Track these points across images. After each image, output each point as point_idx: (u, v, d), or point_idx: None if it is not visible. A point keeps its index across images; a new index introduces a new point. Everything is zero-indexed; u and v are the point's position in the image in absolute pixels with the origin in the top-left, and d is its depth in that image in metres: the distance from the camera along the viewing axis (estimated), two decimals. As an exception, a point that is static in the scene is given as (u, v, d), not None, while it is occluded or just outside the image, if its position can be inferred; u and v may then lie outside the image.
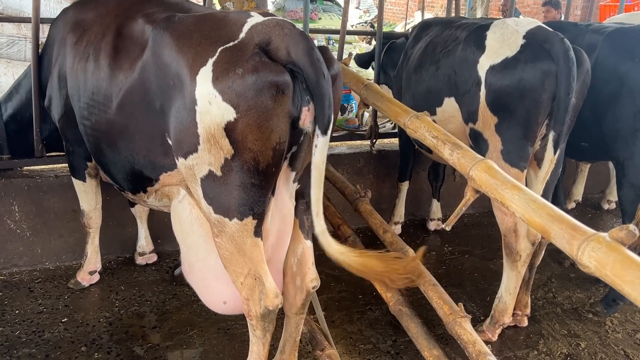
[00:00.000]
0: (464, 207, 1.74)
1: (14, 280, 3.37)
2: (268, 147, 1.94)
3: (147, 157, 2.30)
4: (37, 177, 3.41)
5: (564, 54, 2.42)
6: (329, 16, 8.18)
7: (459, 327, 1.96)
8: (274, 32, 1.96)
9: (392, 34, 4.62)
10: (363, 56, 4.31)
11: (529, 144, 2.62)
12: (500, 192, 1.42)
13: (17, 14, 6.19)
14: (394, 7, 17.65)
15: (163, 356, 2.77)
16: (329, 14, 8.23)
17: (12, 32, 6.09)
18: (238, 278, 2.16)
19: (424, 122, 1.84)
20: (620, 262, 1.03)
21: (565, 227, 1.18)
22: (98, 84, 2.43)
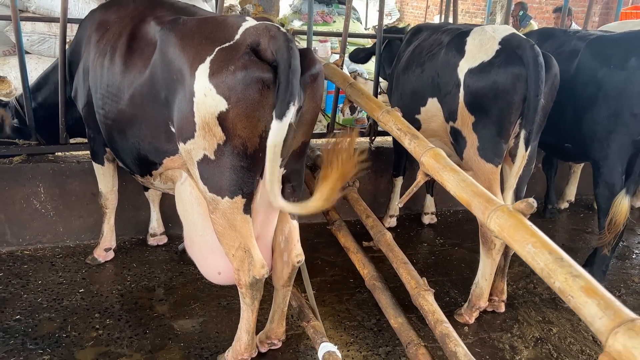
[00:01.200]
0: (415, 188, 2.00)
1: (38, 255, 3.73)
2: (255, 134, 2.23)
3: (152, 143, 2.62)
4: (61, 162, 3.77)
5: (534, 59, 2.65)
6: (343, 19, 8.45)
7: (422, 299, 2.22)
8: (263, 35, 2.25)
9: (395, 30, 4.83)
10: (359, 52, 4.59)
11: (502, 141, 2.86)
12: (440, 174, 1.68)
13: (49, 13, 6.60)
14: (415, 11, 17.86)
15: (167, 324, 3.07)
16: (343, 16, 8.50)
17: (43, 30, 6.49)
18: (230, 250, 2.45)
19: (392, 116, 2.11)
20: (514, 226, 1.28)
21: (482, 200, 1.43)
22: (113, 78, 2.75)
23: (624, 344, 0.89)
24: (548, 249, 1.16)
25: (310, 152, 3.45)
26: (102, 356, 2.77)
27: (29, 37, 6.51)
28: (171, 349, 2.87)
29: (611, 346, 0.92)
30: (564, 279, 1.07)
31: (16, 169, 3.65)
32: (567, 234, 4.65)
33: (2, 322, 2.99)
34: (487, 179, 2.92)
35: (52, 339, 2.88)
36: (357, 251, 2.72)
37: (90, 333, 2.95)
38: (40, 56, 6.69)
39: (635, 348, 0.87)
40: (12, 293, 3.26)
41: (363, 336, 3.08)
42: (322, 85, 2.43)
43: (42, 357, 2.74)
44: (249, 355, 2.67)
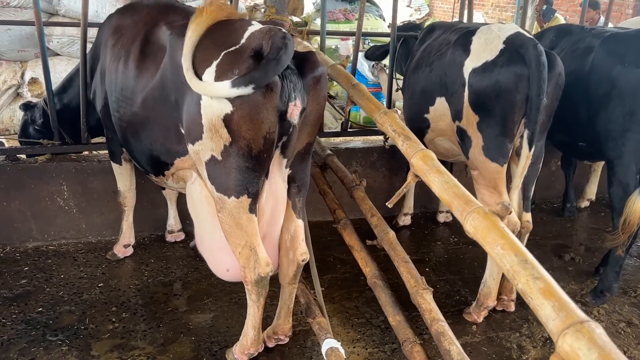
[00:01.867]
0: (405, 189, 2.04)
1: (62, 250, 3.90)
2: (259, 136, 2.30)
3: (163, 144, 2.71)
4: (82, 161, 3.92)
5: (536, 59, 2.64)
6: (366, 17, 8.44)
7: (420, 297, 2.26)
8: (266, 38, 2.31)
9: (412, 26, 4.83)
10: (376, 49, 4.61)
11: (507, 140, 2.86)
12: (427, 175, 1.72)
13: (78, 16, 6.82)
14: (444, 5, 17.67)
15: (180, 318, 3.18)
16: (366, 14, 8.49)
17: (73, 33, 6.71)
18: (236, 248, 2.53)
19: (389, 117, 2.15)
20: (487, 228, 1.31)
21: (461, 202, 1.46)
22: (126, 81, 2.86)
23: (571, 345, 0.92)
24: (515, 251, 1.19)
25: (321, 152, 3.50)
26: (116, 348, 2.90)
27: (59, 40, 6.75)
28: (182, 343, 2.97)
29: (560, 347, 0.95)
30: (526, 281, 1.10)
31: (41, 168, 3.81)
32: (586, 233, 4.59)
33: (26, 314, 3.15)
34: (493, 179, 2.92)
35: (71, 331, 3.02)
36: (361, 249, 2.77)
37: (106, 326, 3.08)
38: (70, 58, 6.92)
39: (580, 350, 0.90)
40: (36, 286, 3.43)
41: (370, 333, 3.13)
42: (325, 87, 2.48)
43: (60, 348, 2.87)
44: (256, 349, 2.75)
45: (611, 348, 0.89)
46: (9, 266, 3.64)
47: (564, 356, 0.93)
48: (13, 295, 3.32)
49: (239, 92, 2.16)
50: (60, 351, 2.85)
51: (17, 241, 3.87)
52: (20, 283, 3.46)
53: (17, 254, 3.79)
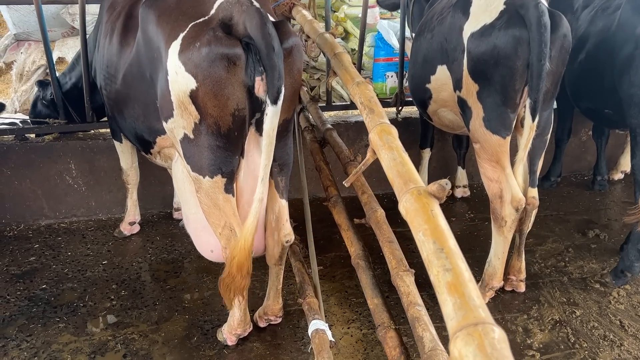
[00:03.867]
0: (363, 167, 1.90)
1: (73, 227, 3.96)
2: (226, 112, 2.19)
3: (144, 122, 2.66)
4: (88, 139, 3.94)
5: (537, 20, 2.39)
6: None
7: (399, 279, 2.12)
8: (235, 9, 2.18)
9: None
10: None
11: (509, 111, 2.64)
12: (379, 150, 1.57)
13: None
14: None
15: (177, 297, 3.18)
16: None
17: (95, 11, 6.74)
18: (217, 229, 2.46)
19: (360, 88, 1.99)
20: (416, 210, 1.17)
21: (401, 181, 1.32)
22: (111, 58, 2.81)
23: (459, 351, 0.79)
24: (435, 237, 1.05)
25: (321, 126, 3.37)
26: (111, 326, 2.92)
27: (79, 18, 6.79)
28: (176, 321, 2.96)
29: (451, 352, 0.82)
30: (436, 272, 0.96)
31: (48, 147, 3.86)
32: (616, 208, 4.27)
33: (30, 290, 3.22)
34: (495, 152, 2.72)
35: (70, 308, 3.06)
36: (348, 229, 2.64)
37: (104, 303, 3.11)
38: (92, 36, 6.97)
39: (467, 357, 0.76)
40: (43, 264, 3.50)
41: (367, 314, 3.03)
42: (299, 59, 2.33)
43: (57, 325, 2.92)
44: (243, 330, 2.71)
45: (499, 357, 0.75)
46: (20, 243, 3.73)
47: (455, 363, 0.80)
48: (20, 272, 3.41)
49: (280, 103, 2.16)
50: (57, 328, 2.90)
51: (30, 219, 3.96)
52: (28, 260, 3.54)
53: (29, 232, 3.89)
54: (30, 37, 6.72)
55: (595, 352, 2.74)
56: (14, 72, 6.63)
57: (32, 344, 2.78)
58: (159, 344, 2.79)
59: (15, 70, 6.61)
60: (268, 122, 2.17)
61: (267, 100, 2.16)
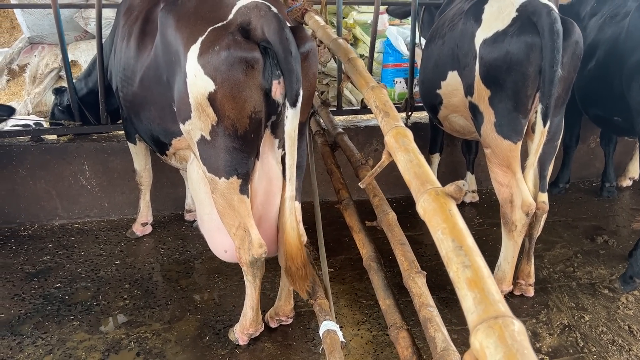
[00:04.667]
0: (379, 169, 1.93)
1: (86, 228, 4.02)
2: (244, 115, 2.24)
3: (160, 124, 2.71)
4: (102, 141, 4.00)
5: (549, 27, 2.43)
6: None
7: (411, 281, 2.15)
8: (253, 14, 2.23)
9: None
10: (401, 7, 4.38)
11: (520, 116, 2.67)
12: (395, 153, 1.61)
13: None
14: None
15: (189, 296, 3.22)
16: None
17: (109, 15, 6.83)
18: (231, 229, 2.51)
19: (375, 92, 2.03)
20: (434, 210, 1.20)
21: (418, 182, 1.36)
22: (128, 61, 2.86)
23: (480, 342, 0.82)
24: (454, 236, 1.08)
25: (332, 130, 3.41)
26: (124, 325, 2.96)
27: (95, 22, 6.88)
28: (188, 320, 3.00)
29: (472, 343, 0.85)
30: (456, 269, 1.00)
31: (63, 148, 3.92)
32: (624, 215, 4.29)
33: (44, 289, 3.27)
34: (506, 157, 2.75)
35: (84, 307, 3.11)
36: (360, 231, 2.68)
37: (118, 302, 3.15)
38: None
39: (488, 348, 0.80)
40: (57, 263, 3.55)
41: (377, 316, 3.06)
42: (314, 64, 2.38)
43: (72, 323, 2.97)
44: (255, 330, 2.75)
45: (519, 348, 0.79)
46: (34, 243, 3.79)
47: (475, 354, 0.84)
48: (35, 271, 3.46)
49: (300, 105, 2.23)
50: (71, 326, 2.95)
51: (44, 219, 4.02)
52: (43, 259, 3.59)
53: (43, 232, 3.94)
54: (44, 40, 6.81)
55: (604, 356, 2.75)
56: (28, 74, 6.72)
57: (47, 341, 2.83)
58: (172, 343, 2.83)
59: (28, 72, 6.70)
60: (289, 124, 2.22)
61: (286, 103, 2.21)
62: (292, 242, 2.47)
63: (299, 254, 2.48)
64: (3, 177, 3.86)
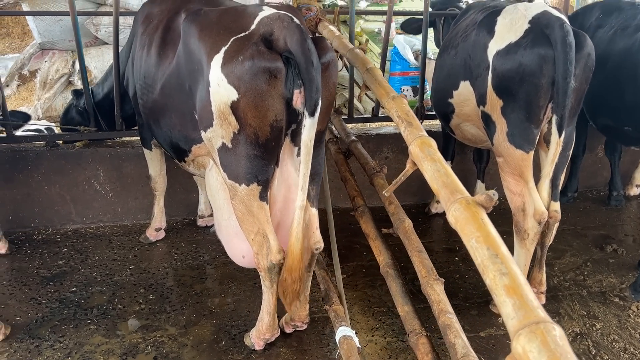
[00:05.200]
0: (403, 178, 1.98)
1: (99, 232, 4.06)
2: (265, 123, 2.29)
3: (181, 131, 2.75)
4: (117, 147, 4.05)
5: (562, 39, 2.48)
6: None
7: (429, 288, 2.19)
8: (276, 25, 2.29)
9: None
10: (413, 22, 4.40)
11: (533, 126, 2.72)
12: (421, 162, 1.65)
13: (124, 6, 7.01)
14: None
15: (204, 301, 3.25)
16: (407, -6, 8.28)
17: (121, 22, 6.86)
18: (249, 235, 2.55)
19: (396, 102, 2.08)
20: (466, 219, 1.25)
21: (447, 191, 1.40)
22: (149, 69, 2.91)
23: (523, 347, 0.86)
24: (488, 244, 1.12)
25: (346, 137, 3.46)
26: (140, 329, 2.99)
27: (107, 29, 6.95)
28: (204, 325, 3.03)
29: (514, 348, 0.89)
30: (493, 276, 1.04)
31: (78, 153, 3.97)
32: (633, 223, 4.33)
33: (60, 293, 3.31)
34: (518, 166, 2.79)
35: (100, 311, 3.14)
36: (376, 238, 2.72)
37: (133, 307, 3.18)
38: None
39: (531, 352, 0.84)
40: (72, 267, 3.59)
41: (390, 322, 3.09)
42: (335, 74, 2.44)
43: (89, 327, 3.00)
44: (271, 335, 2.78)
45: (563, 352, 0.83)
46: (49, 247, 3.83)
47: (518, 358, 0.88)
48: (51, 275, 3.50)
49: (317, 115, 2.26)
50: (88, 329, 2.98)
51: (58, 224, 4.06)
52: (58, 264, 3.63)
53: (57, 236, 3.98)
54: (55, 46, 6.88)
55: (616, 364, 2.79)
56: (38, 80, 6.78)
57: (65, 345, 2.86)
58: (188, 347, 2.86)
59: (39, 78, 6.77)
60: (306, 133, 2.26)
61: (304, 113, 2.25)
62: (294, 254, 2.45)
63: (299, 267, 2.47)
64: (19, 182, 3.91)
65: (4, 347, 2.83)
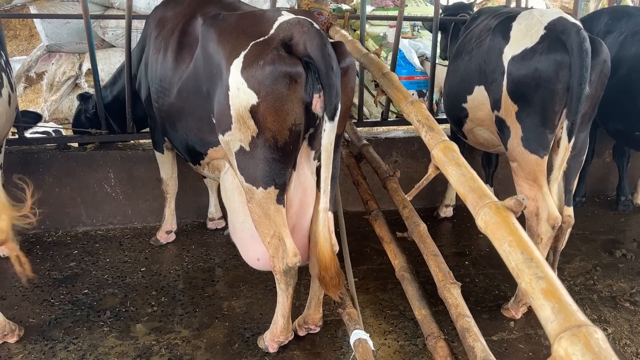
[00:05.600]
0: (425, 182, 1.99)
1: (109, 235, 4.07)
2: (285, 127, 2.30)
3: (197, 134, 2.77)
4: (128, 149, 4.06)
5: (578, 45, 2.50)
6: (416, 3, 8.25)
7: (447, 292, 2.21)
8: (295, 29, 2.30)
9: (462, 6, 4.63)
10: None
11: (547, 131, 2.73)
12: (445, 167, 1.67)
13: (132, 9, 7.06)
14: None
15: (216, 304, 3.26)
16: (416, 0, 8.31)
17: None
18: (265, 238, 2.56)
19: (415, 107, 2.09)
20: (497, 223, 1.26)
21: (475, 196, 1.41)
22: (165, 73, 2.93)
23: (565, 350, 0.87)
24: (522, 248, 1.14)
25: (357, 141, 3.48)
26: (154, 331, 3.00)
27: (114, 32, 6.99)
28: (217, 328, 3.04)
29: (556, 351, 0.90)
30: (529, 280, 1.05)
31: (89, 156, 3.98)
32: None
33: (72, 295, 3.32)
34: (532, 171, 2.81)
35: (113, 313, 3.15)
36: (391, 241, 2.73)
37: (146, 309, 3.19)
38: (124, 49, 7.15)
39: (574, 355, 0.85)
40: (83, 269, 3.60)
41: (402, 326, 3.10)
42: (353, 78, 2.45)
43: (102, 329, 3.01)
44: (285, 337, 2.79)
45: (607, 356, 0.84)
46: (60, 249, 3.84)
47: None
48: (62, 277, 3.50)
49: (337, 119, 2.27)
50: (101, 331, 2.99)
51: (68, 225, 4.07)
52: (69, 265, 3.64)
53: (67, 238, 3.99)
54: (62, 48, 6.91)
55: (629, 368, 2.80)
56: (45, 82, 6.81)
57: (79, 347, 2.87)
58: (202, 350, 2.87)
59: (46, 80, 6.80)
60: (326, 137, 2.28)
61: (324, 117, 2.27)
62: (326, 253, 2.50)
63: (332, 264, 2.52)
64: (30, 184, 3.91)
65: (18, 348, 2.84)
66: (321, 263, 2.51)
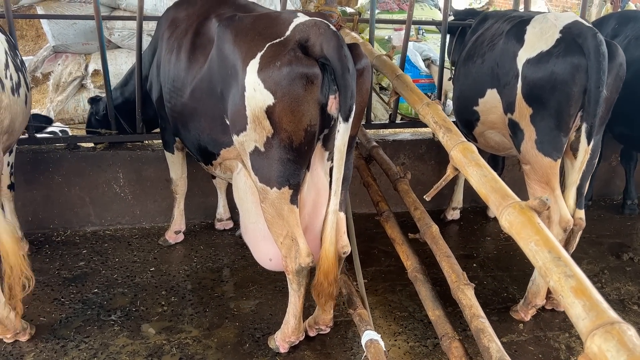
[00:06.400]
0: (444, 182, 2.00)
1: (118, 235, 4.07)
2: (300, 128, 2.31)
3: (210, 135, 2.78)
4: (137, 150, 4.07)
5: (595, 49, 2.52)
6: (421, 7, 8.28)
7: (460, 293, 2.22)
8: (312, 31, 2.32)
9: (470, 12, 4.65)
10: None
11: (562, 134, 2.75)
12: (465, 168, 1.68)
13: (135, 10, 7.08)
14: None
15: (226, 304, 3.27)
16: (421, 4, 8.33)
17: (133, 26, 6.92)
18: (278, 238, 2.57)
19: (432, 108, 2.11)
20: (522, 223, 1.27)
21: (498, 196, 1.43)
22: (178, 73, 2.94)
23: (599, 347, 0.89)
24: (549, 247, 1.15)
25: (367, 143, 3.49)
26: (164, 330, 3.01)
27: (120, 33, 7.00)
28: (227, 328, 3.05)
29: (589, 348, 0.91)
30: (558, 279, 1.07)
31: (99, 156, 3.99)
32: (647, 233, 4.36)
33: (82, 294, 3.32)
34: (545, 174, 2.82)
35: (123, 312, 3.15)
36: (403, 243, 2.74)
37: (156, 309, 3.20)
38: (131, 50, 7.15)
39: (609, 351, 0.86)
40: (93, 269, 3.60)
41: (412, 327, 3.11)
42: (368, 80, 2.47)
43: (112, 328, 3.01)
44: (296, 338, 2.79)
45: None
46: (69, 248, 3.84)
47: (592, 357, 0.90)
48: (72, 276, 3.51)
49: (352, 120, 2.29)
50: (112, 331, 2.99)
51: (77, 225, 4.08)
52: (78, 265, 3.64)
53: (76, 238, 4.00)
54: (68, 49, 6.92)
55: (638, 371, 2.80)
56: (51, 82, 6.82)
57: (90, 345, 2.88)
58: (213, 350, 2.88)
59: (52, 81, 6.81)
60: (340, 138, 2.29)
61: (338, 118, 2.28)
62: (329, 257, 2.49)
63: (333, 270, 2.51)
64: (39, 183, 3.93)
65: (29, 347, 2.85)
66: (322, 266, 2.49)
